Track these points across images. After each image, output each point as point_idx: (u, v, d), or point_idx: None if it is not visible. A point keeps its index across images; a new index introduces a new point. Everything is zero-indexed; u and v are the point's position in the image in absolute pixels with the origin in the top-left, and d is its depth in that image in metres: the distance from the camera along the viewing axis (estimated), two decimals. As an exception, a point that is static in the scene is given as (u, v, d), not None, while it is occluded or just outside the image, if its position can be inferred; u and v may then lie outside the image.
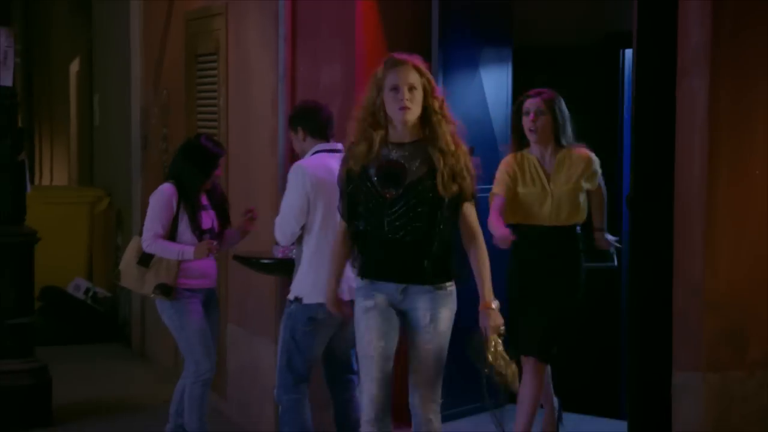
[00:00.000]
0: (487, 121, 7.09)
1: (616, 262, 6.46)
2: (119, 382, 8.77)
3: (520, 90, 7.18)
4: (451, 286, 4.97)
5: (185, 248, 6.23)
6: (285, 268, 6.26)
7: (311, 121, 5.84)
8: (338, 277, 5.12)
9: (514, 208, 6.02)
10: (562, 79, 7.24)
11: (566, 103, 6.14)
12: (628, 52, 7.92)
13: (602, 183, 6.22)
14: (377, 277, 4.95)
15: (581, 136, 6.20)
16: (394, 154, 4.90)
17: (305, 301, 5.66)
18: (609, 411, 7.43)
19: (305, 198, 5.63)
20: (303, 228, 5.71)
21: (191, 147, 6.43)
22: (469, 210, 4.97)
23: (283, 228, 5.70)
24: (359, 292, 4.99)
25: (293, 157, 6.69)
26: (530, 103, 6.05)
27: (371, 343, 4.91)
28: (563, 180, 6.03)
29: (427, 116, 4.91)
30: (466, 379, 5.64)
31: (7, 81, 7.20)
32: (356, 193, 4.94)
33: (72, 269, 10.49)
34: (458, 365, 5.43)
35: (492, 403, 5.17)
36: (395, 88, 4.86)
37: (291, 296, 5.75)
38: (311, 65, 6.85)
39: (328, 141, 5.84)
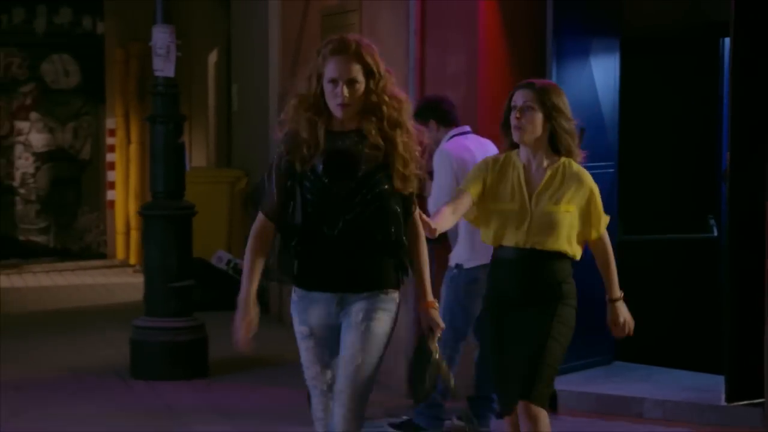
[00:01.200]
0: (597, 104, 7.83)
1: (716, 233, 7.14)
2: (261, 342, 9.64)
3: (627, 77, 7.99)
4: (394, 293, 4.40)
5: None
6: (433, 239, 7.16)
7: (440, 112, 6.69)
8: (256, 277, 4.44)
9: (486, 223, 5.01)
10: (664, 67, 8.01)
11: (669, 91, 6.46)
12: (727, 41, 8.60)
13: (607, 239, 5.05)
14: (315, 287, 4.40)
15: (681, 124, 6.49)
16: (341, 144, 4.37)
17: (466, 266, 6.54)
18: (710, 367, 8.13)
19: (454, 177, 6.47)
20: None
21: None
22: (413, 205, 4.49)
23: (439, 205, 6.55)
24: (294, 308, 4.47)
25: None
26: (519, 95, 4.98)
27: (318, 376, 4.43)
28: (549, 199, 4.90)
29: (370, 101, 4.35)
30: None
31: (170, 72, 8.19)
32: (295, 187, 4.37)
33: (214, 243, 11.47)
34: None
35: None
36: (333, 81, 4.31)
37: (452, 263, 6.64)
38: (438, 56, 7.68)
39: (458, 125, 6.68)
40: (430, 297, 4.45)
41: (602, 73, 7.87)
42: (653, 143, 8.68)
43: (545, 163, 4.93)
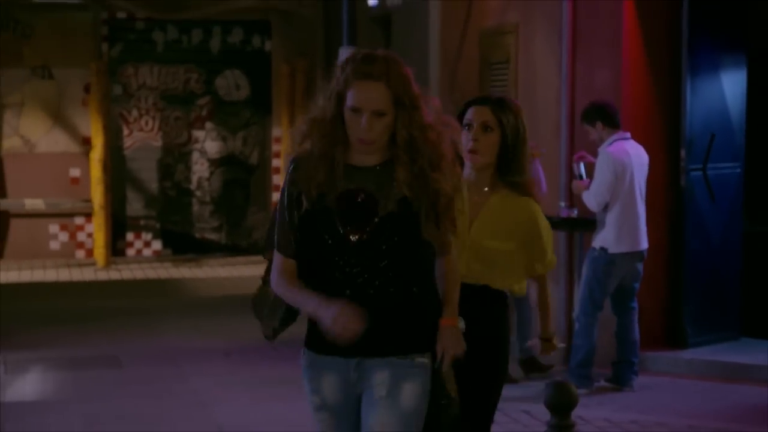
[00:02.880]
0: (726, 112, 8.94)
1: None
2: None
3: (754, 87, 9.13)
4: (423, 359, 3.65)
5: None
6: (569, 224, 8.43)
7: (606, 115, 7.89)
8: (310, 292, 3.67)
9: None
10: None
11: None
12: None
13: (547, 279, 4.47)
14: (327, 350, 3.66)
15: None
16: (361, 182, 3.64)
17: (610, 251, 7.76)
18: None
19: (613, 175, 7.68)
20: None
21: None
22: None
23: (597, 198, 7.74)
24: (304, 374, 3.77)
25: (572, 142, 8.81)
26: (474, 113, 4.24)
27: None
28: (488, 232, 4.24)
29: (399, 132, 3.62)
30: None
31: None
32: (309, 225, 3.66)
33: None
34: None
35: None
36: (356, 110, 3.59)
37: (596, 245, 7.85)
38: (587, 71, 8.87)
39: (620, 129, 7.87)
40: (453, 315, 3.73)
41: (731, 84, 8.97)
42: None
43: (488, 189, 4.29)
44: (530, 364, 8.30)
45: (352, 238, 3.63)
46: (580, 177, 8.06)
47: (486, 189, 4.30)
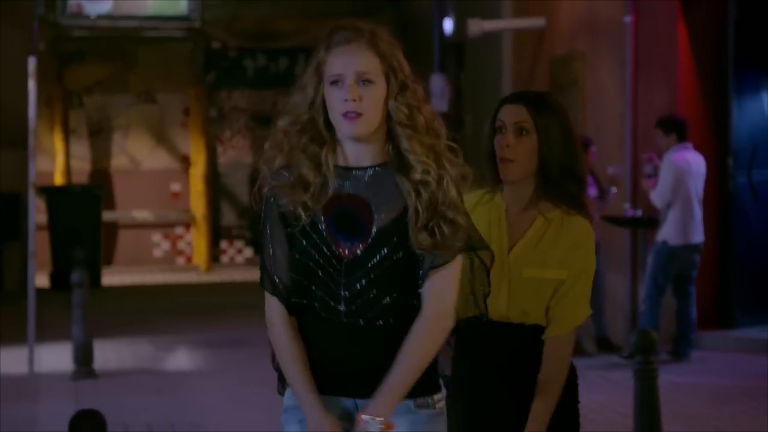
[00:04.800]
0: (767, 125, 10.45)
1: None
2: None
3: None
4: (439, 401, 3.08)
5: None
6: (633, 223, 9.95)
7: (681, 129, 9.36)
8: (308, 373, 3.04)
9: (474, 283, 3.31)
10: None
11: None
12: None
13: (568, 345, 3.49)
14: (323, 390, 3.03)
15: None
16: (348, 187, 3.02)
17: (670, 243, 9.23)
18: None
19: (674, 178, 9.17)
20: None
21: None
22: (445, 273, 3.01)
23: (662, 197, 9.20)
24: (288, 419, 3.11)
25: (635, 153, 10.31)
26: (507, 113, 3.46)
27: None
28: (534, 260, 3.44)
29: (398, 111, 3.00)
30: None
31: (443, 108, 11.03)
32: (293, 247, 3.03)
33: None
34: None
35: None
36: (336, 81, 2.96)
37: (660, 239, 9.32)
38: (647, 91, 10.35)
39: (686, 140, 9.34)
40: (381, 409, 2.95)
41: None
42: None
43: (530, 207, 3.46)
44: (604, 342, 9.75)
45: (344, 253, 2.98)
46: (648, 176, 9.55)
47: (528, 207, 3.45)
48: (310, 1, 16.22)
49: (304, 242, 3.04)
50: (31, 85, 9.14)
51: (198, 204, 16.02)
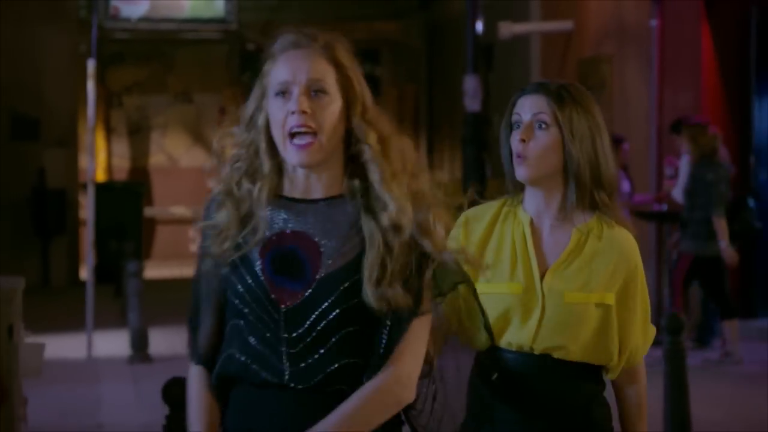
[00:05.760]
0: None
1: None
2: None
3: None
4: None
5: None
6: (659, 217, 10.46)
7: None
8: None
9: (470, 318, 2.77)
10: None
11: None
12: None
13: (642, 370, 3.05)
14: None
15: None
16: (294, 223, 2.50)
17: None
18: None
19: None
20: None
21: None
22: (409, 335, 2.47)
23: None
24: None
25: (660, 152, 10.79)
26: (525, 105, 2.96)
27: None
28: (575, 282, 2.92)
29: (352, 149, 2.50)
30: None
31: (477, 107, 11.52)
32: (219, 298, 2.54)
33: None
34: None
35: None
36: (283, 91, 2.46)
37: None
38: (672, 94, 10.82)
39: None
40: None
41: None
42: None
43: (569, 219, 2.97)
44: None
45: (283, 301, 2.46)
46: (670, 177, 10.03)
47: (558, 217, 2.96)
48: (341, 5, 16.72)
49: (239, 286, 2.49)
50: (90, 86, 9.67)
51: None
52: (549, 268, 2.92)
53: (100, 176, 16.33)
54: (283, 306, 2.46)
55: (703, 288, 9.98)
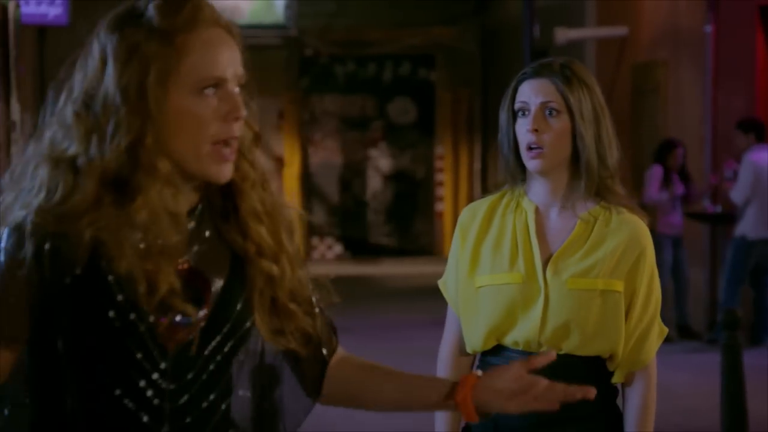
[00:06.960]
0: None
1: None
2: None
3: None
4: None
5: None
6: (713, 218, 10.70)
7: (760, 131, 10.07)
8: None
9: (469, 310, 2.87)
10: None
11: None
12: None
13: (653, 370, 2.88)
14: None
15: None
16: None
17: (748, 237, 9.94)
18: None
19: (752, 176, 9.87)
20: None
21: (662, 143, 10.75)
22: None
23: (741, 194, 9.89)
24: None
25: (715, 154, 11.01)
26: (531, 90, 2.82)
27: None
28: (580, 268, 2.81)
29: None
30: None
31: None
32: (63, 328, 1.95)
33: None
34: None
35: None
36: (219, 82, 1.99)
37: (738, 233, 10.03)
38: (726, 97, 11.04)
39: (764, 141, 10.06)
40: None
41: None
42: None
43: (574, 206, 2.86)
44: (685, 329, 10.47)
45: (156, 332, 1.95)
46: (729, 179, 10.28)
47: (564, 205, 2.86)
48: (398, 11, 17.03)
49: (91, 316, 1.96)
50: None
51: (292, 202, 16.90)
52: (552, 256, 2.82)
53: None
54: (161, 337, 1.98)
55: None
